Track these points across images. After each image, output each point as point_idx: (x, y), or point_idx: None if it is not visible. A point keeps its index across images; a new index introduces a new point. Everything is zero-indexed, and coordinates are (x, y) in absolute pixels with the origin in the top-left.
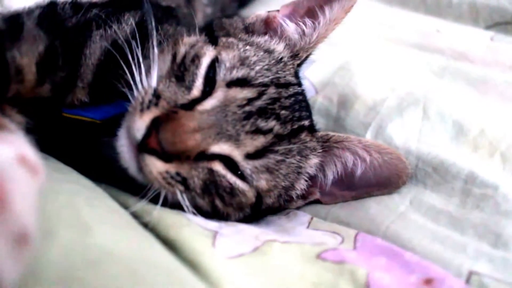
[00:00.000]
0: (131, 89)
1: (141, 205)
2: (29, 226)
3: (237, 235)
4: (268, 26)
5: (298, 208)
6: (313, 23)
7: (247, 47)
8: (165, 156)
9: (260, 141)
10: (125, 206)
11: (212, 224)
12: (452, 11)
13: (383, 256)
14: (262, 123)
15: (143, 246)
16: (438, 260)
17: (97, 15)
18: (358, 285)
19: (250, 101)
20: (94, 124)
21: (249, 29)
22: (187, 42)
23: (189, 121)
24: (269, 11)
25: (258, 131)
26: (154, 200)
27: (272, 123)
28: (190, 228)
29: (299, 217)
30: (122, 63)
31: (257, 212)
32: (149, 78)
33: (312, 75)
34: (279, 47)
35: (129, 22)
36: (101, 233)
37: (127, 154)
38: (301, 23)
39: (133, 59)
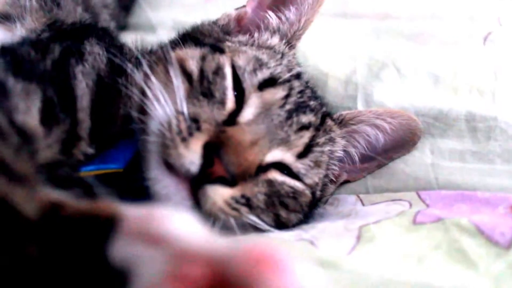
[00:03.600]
0: (139, 122)
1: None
2: None
3: (325, 234)
4: (239, 23)
5: (331, 194)
6: (297, 9)
7: (247, 48)
8: (232, 180)
9: (306, 136)
10: None
11: (291, 234)
12: None
13: (460, 203)
14: (303, 118)
15: None
16: (501, 190)
17: (67, 50)
18: (472, 233)
19: (286, 99)
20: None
21: (224, 30)
22: (193, 55)
23: (243, 136)
24: (236, 8)
25: (303, 127)
26: None
27: (310, 116)
28: (292, 245)
29: (345, 200)
30: (125, 94)
31: (311, 208)
32: (173, 103)
33: None
34: (274, 41)
35: (100, 52)
36: None
37: (177, 194)
38: (285, 11)
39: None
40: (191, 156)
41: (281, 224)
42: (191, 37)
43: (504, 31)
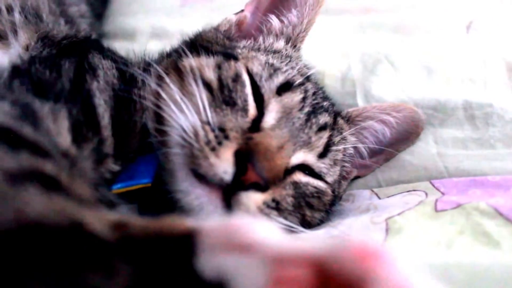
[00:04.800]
0: (157, 135)
1: None
2: None
3: (354, 230)
4: (240, 27)
5: (344, 191)
6: (298, 11)
7: (256, 53)
8: (265, 185)
9: (325, 137)
10: None
11: (321, 232)
12: None
13: (474, 188)
14: (321, 119)
15: None
16: (510, 173)
17: (80, 66)
18: (491, 215)
19: (303, 101)
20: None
21: (227, 36)
22: (208, 64)
23: (270, 141)
24: (235, 13)
25: (321, 128)
26: None
27: (325, 116)
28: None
29: (360, 195)
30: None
31: (331, 206)
32: (195, 112)
33: None
34: (280, 44)
35: (110, 66)
36: None
37: (210, 204)
38: (287, 14)
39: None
40: (224, 165)
41: (306, 224)
42: (200, 45)
43: (486, 19)
